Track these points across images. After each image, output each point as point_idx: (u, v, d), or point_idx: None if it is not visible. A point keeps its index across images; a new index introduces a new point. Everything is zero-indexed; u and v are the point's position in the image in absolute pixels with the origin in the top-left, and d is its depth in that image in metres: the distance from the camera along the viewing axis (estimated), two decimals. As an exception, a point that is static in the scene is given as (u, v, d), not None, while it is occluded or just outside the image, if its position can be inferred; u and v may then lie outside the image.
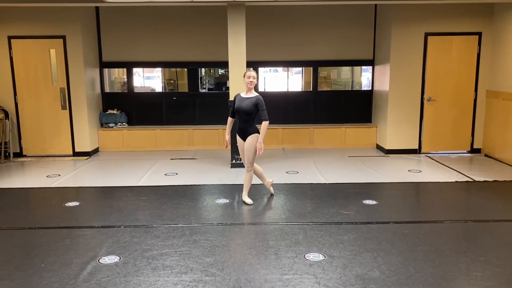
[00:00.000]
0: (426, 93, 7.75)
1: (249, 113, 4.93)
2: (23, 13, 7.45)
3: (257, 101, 4.92)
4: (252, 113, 4.94)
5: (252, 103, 4.91)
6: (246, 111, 4.92)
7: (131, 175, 6.56)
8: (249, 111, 4.92)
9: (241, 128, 5.04)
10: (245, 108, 4.92)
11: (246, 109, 4.92)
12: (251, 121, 4.99)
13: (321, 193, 5.58)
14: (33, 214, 4.98)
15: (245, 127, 5.00)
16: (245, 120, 4.98)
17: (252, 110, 4.92)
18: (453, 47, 7.62)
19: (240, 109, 4.96)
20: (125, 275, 3.44)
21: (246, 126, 4.99)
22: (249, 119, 4.97)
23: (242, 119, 5.00)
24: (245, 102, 4.95)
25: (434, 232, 4.28)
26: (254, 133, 4.98)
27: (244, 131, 5.02)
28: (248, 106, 4.91)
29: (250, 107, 4.90)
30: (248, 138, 4.98)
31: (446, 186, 5.94)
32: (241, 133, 5.06)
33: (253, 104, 4.90)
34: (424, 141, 7.90)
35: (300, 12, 8.33)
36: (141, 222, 4.58)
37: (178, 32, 8.37)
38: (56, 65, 7.67)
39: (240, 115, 5.01)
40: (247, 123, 4.98)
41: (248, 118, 4.96)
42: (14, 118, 7.77)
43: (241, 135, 5.07)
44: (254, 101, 4.92)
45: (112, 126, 8.44)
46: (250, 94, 4.99)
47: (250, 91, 5.00)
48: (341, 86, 9.25)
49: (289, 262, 3.63)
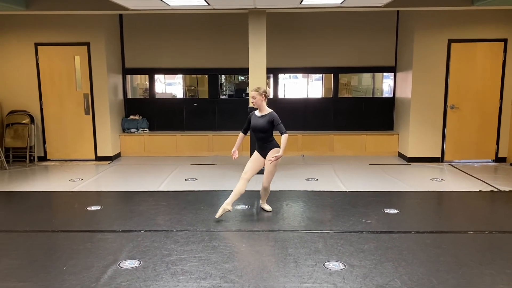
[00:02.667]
0: (449, 100, 7.62)
1: (265, 131, 4.83)
2: (49, 21, 7.65)
3: (271, 118, 4.80)
4: (268, 131, 4.84)
5: (266, 121, 4.80)
6: (262, 129, 4.83)
7: (151, 180, 6.62)
8: (264, 129, 4.82)
9: (260, 146, 4.94)
10: (260, 126, 4.83)
11: (261, 127, 4.82)
12: (269, 137, 4.89)
13: (341, 201, 5.52)
14: (56, 217, 5.07)
15: (264, 144, 4.90)
16: (262, 138, 4.88)
17: (267, 127, 4.81)
18: (477, 54, 7.48)
19: (256, 128, 4.87)
20: (145, 279, 3.46)
21: (265, 143, 4.89)
22: (266, 137, 4.87)
23: (260, 138, 4.90)
24: (259, 121, 4.85)
25: (457, 243, 4.19)
26: (275, 148, 4.87)
27: (263, 148, 4.91)
28: (263, 125, 4.82)
29: (265, 125, 4.81)
30: (269, 152, 4.86)
31: (470, 196, 5.81)
32: (261, 150, 4.95)
33: (268, 122, 4.79)
34: (447, 149, 7.75)
35: (321, 18, 8.31)
36: (161, 227, 4.61)
37: (199, 39, 8.45)
38: (80, 72, 7.83)
39: (256, 133, 4.91)
40: (265, 140, 4.88)
41: (265, 135, 4.86)
42: (39, 123, 7.95)
43: (261, 152, 4.95)
44: (268, 118, 4.81)
45: (133, 132, 8.55)
46: (264, 112, 4.87)
47: (262, 109, 4.88)
48: (362, 92, 9.18)
49: (308, 271, 3.59)
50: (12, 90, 7.85)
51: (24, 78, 7.83)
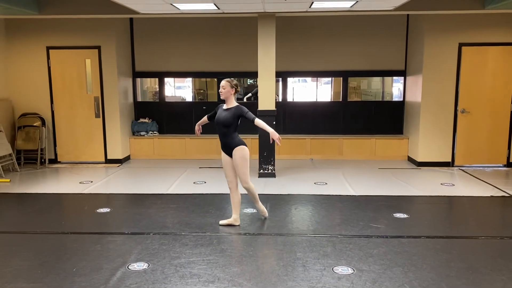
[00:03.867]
0: (460, 104, 7.56)
1: (227, 125, 4.51)
2: (61, 25, 7.74)
3: (238, 110, 4.50)
4: (230, 125, 4.51)
5: (231, 115, 4.50)
6: (224, 123, 4.51)
7: (160, 182, 6.65)
8: (227, 123, 4.50)
9: (224, 143, 4.61)
10: (223, 119, 4.51)
11: (224, 121, 4.50)
12: (232, 133, 4.55)
13: (350, 205, 5.49)
14: (66, 219, 5.12)
15: (227, 141, 4.57)
16: (224, 133, 4.55)
17: (230, 121, 4.49)
18: (488, 58, 7.42)
19: (219, 121, 4.55)
20: (154, 282, 3.47)
21: (227, 139, 4.56)
22: (228, 132, 4.54)
23: (222, 132, 4.57)
24: (223, 114, 4.54)
25: (468, 248, 4.14)
26: (240, 145, 4.54)
27: (227, 145, 4.58)
28: (226, 118, 4.50)
29: (228, 119, 4.49)
30: (234, 152, 4.54)
31: (480, 201, 5.75)
32: (225, 148, 4.63)
33: (233, 115, 4.48)
34: (458, 153, 7.69)
35: (330, 22, 8.30)
36: (170, 230, 4.62)
37: (209, 42, 8.49)
38: (91, 75, 7.91)
39: (219, 128, 4.58)
40: (228, 136, 4.55)
41: (227, 130, 4.53)
42: (50, 126, 8.03)
43: (226, 150, 4.64)
44: (234, 111, 4.51)
45: (143, 135, 8.60)
46: (230, 105, 4.57)
47: (229, 102, 4.57)
48: (372, 96, 9.14)
49: (317, 275, 3.58)
50: (24, 93, 7.94)
51: (36, 81, 7.92)
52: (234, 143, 4.54)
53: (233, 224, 4.73)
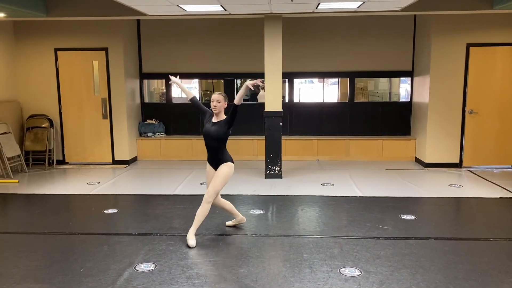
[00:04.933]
0: (468, 105, 7.51)
1: (218, 139, 4.28)
2: (68, 27, 7.80)
3: (225, 119, 4.30)
4: (221, 139, 4.28)
5: (222, 125, 4.27)
6: (215, 137, 4.27)
7: (167, 183, 6.67)
8: (217, 137, 4.27)
9: (213, 158, 4.38)
10: (214, 133, 4.27)
11: (215, 135, 4.26)
12: (222, 149, 4.33)
13: (357, 206, 5.47)
14: (73, 220, 5.14)
15: (216, 156, 4.34)
16: (214, 148, 4.31)
17: (221, 135, 4.26)
18: (497, 58, 7.36)
19: (209, 135, 4.30)
20: (160, 282, 3.48)
21: (217, 154, 4.33)
22: (219, 147, 4.31)
23: (212, 147, 4.33)
24: (213, 128, 4.29)
25: (476, 250, 4.11)
26: (228, 161, 4.34)
27: (215, 160, 4.36)
28: (217, 131, 4.26)
29: (219, 132, 4.26)
30: (221, 166, 4.32)
31: (489, 202, 5.70)
32: (213, 162, 4.40)
33: (223, 125, 4.26)
34: (466, 155, 7.63)
35: (337, 23, 8.28)
36: (177, 231, 4.63)
37: (215, 44, 8.50)
38: (98, 76, 7.95)
39: (208, 141, 4.33)
40: (218, 151, 4.32)
41: (218, 145, 4.30)
42: (58, 127, 8.09)
43: (213, 164, 4.40)
44: (223, 121, 4.28)
45: (150, 136, 8.64)
46: (220, 118, 4.34)
47: (220, 116, 4.34)
48: (379, 97, 9.10)
49: (323, 276, 3.57)
50: (32, 94, 8.01)
51: (44, 82, 7.98)
52: (224, 159, 4.34)
53: (240, 223, 4.76)
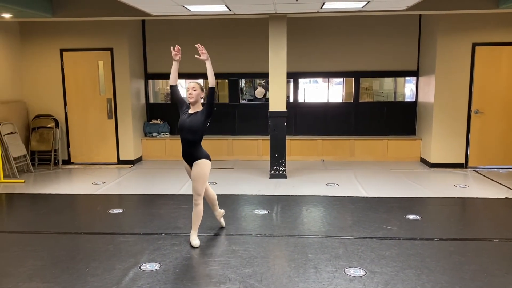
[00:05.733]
0: (474, 105, 7.47)
1: (193, 131, 4.07)
2: (74, 27, 7.83)
3: (202, 110, 4.11)
4: (197, 131, 4.07)
5: (198, 118, 4.07)
6: (190, 129, 4.07)
7: (172, 183, 6.68)
8: (193, 129, 4.06)
9: (186, 152, 4.18)
10: (189, 125, 4.07)
11: (190, 126, 4.07)
12: (197, 143, 4.12)
13: (362, 206, 5.46)
14: (78, 219, 5.16)
15: (189, 150, 4.15)
16: (189, 141, 4.11)
17: (197, 127, 4.05)
18: (503, 58, 7.32)
19: (184, 127, 4.10)
20: (165, 282, 3.49)
21: (190, 148, 4.13)
22: (194, 140, 4.10)
23: (186, 140, 4.12)
24: (189, 119, 4.09)
25: (482, 251, 4.09)
26: (202, 158, 4.12)
27: (189, 154, 4.17)
28: (193, 123, 4.05)
29: (194, 123, 4.05)
30: (194, 164, 4.11)
31: (495, 203, 5.67)
32: (186, 157, 4.21)
33: (200, 116, 4.07)
34: (471, 155, 7.59)
35: (342, 22, 8.27)
36: (182, 230, 4.64)
37: (220, 43, 8.51)
38: (103, 77, 7.98)
39: (183, 134, 4.12)
40: (192, 145, 4.12)
41: (193, 138, 4.09)
42: (64, 127, 8.13)
43: (187, 159, 4.22)
44: (200, 112, 4.10)
45: (155, 136, 8.66)
46: (197, 109, 4.15)
47: (197, 106, 4.15)
48: (384, 97, 9.07)
49: (328, 277, 3.56)
50: (38, 94, 8.05)
51: (49, 83, 8.02)
52: (198, 155, 4.13)
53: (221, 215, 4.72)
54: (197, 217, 4.23)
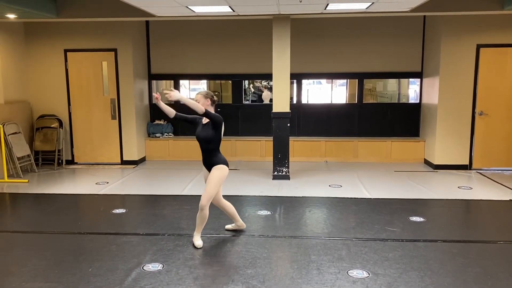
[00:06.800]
0: (478, 107, 7.44)
1: (208, 141, 4.21)
2: (78, 28, 7.86)
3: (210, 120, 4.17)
4: (212, 140, 4.20)
5: (209, 128, 4.20)
6: (205, 139, 4.22)
7: (175, 184, 6.68)
8: (207, 139, 4.20)
9: (205, 160, 4.32)
10: (203, 135, 4.22)
11: (204, 137, 4.21)
12: (214, 151, 4.25)
13: (365, 208, 5.45)
14: (82, 219, 5.18)
15: (208, 157, 4.28)
16: (207, 150, 4.25)
17: (211, 138, 4.19)
18: (508, 59, 7.29)
19: (199, 138, 4.25)
20: (168, 283, 3.49)
21: (208, 156, 4.27)
22: (211, 149, 4.24)
23: (204, 149, 4.28)
24: (202, 129, 4.27)
25: (485, 253, 4.07)
26: (220, 164, 4.25)
27: (207, 161, 4.30)
28: (206, 133, 4.21)
29: (208, 133, 4.19)
30: (212, 169, 4.24)
31: (499, 205, 5.64)
32: (205, 163, 4.35)
33: (211, 126, 4.18)
34: (475, 156, 7.56)
35: (346, 23, 8.26)
36: (184, 231, 4.64)
37: (224, 45, 8.52)
38: (107, 77, 8.00)
39: (200, 143, 4.28)
40: (210, 153, 4.26)
41: (208, 147, 4.24)
42: (67, 127, 8.15)
43: (206, 166, 4.36)
44: (210, 123, 4.20)
45: (158, 136, 8.67)
46: (207, 120, 4.28)
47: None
48: (387, 98, 9.06)
49: (331, 278, 3.55)
50: (42, 95, 8.08)
51: (53, 83, 8.05)
52: (215, 161, 4.25)
53: (240, 228, 4.68)
54: (201, 220, 4.26)
